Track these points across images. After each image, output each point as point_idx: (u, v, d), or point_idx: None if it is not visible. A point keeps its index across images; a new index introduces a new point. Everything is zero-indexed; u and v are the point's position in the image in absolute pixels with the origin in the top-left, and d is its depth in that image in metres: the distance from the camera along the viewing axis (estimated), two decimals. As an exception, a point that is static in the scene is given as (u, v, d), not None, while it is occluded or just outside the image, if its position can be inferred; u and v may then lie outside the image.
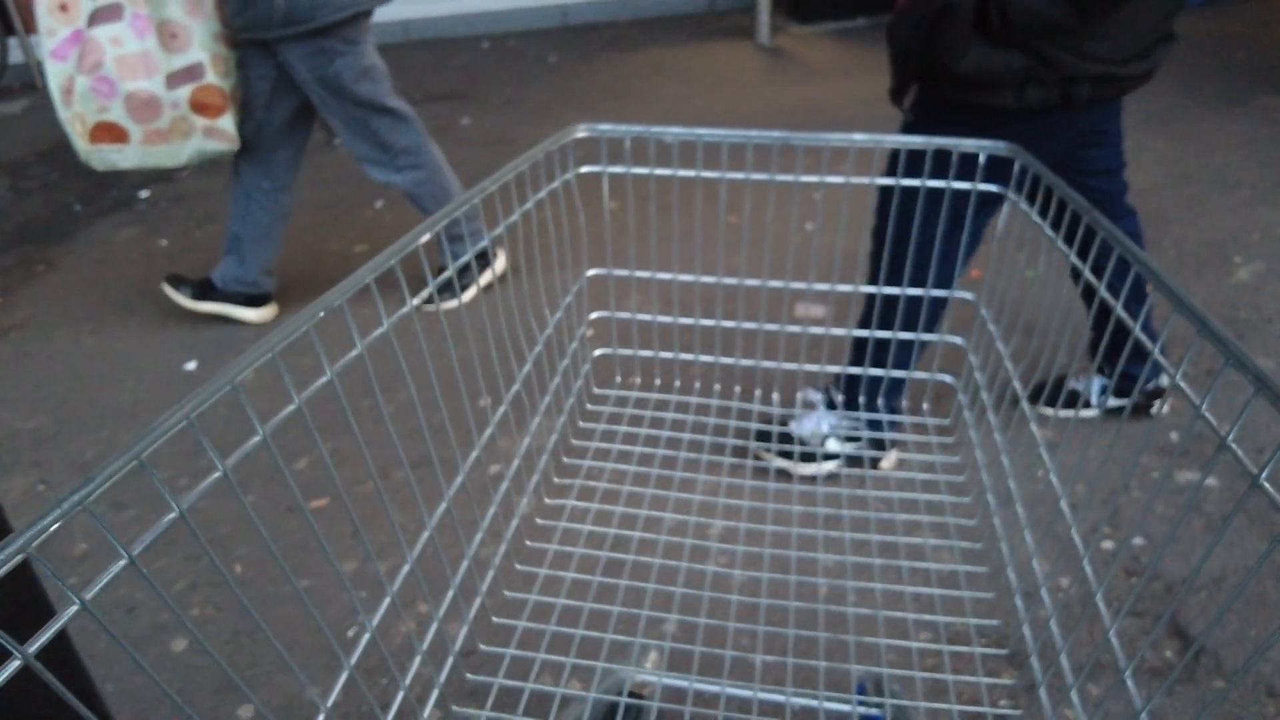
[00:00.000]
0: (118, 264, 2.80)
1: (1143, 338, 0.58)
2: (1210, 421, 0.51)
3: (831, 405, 1.67)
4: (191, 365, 2.24)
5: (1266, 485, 0.45)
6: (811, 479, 1.69)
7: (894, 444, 1.71)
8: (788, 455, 1.66)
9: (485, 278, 2.40)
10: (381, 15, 4.97)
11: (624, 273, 1.08)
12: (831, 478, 1.69)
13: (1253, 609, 1.43)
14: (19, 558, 0.34)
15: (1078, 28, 1.24)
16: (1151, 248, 2.49)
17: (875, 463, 1.69)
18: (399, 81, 4.50)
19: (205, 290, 2.34)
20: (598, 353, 1.17)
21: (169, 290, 2.36)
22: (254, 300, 2.35)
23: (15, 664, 0.35)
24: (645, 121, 3.67)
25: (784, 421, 1.69)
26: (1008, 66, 1.28)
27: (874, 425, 1.60)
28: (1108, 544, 1.55)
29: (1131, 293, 1.60)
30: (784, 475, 1.69)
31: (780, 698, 0.81)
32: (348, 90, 2.06)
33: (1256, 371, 0.44)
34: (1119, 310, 0.60)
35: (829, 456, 1.66)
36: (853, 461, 1.68)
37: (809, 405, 1.71)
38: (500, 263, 2.44)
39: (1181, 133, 3.27)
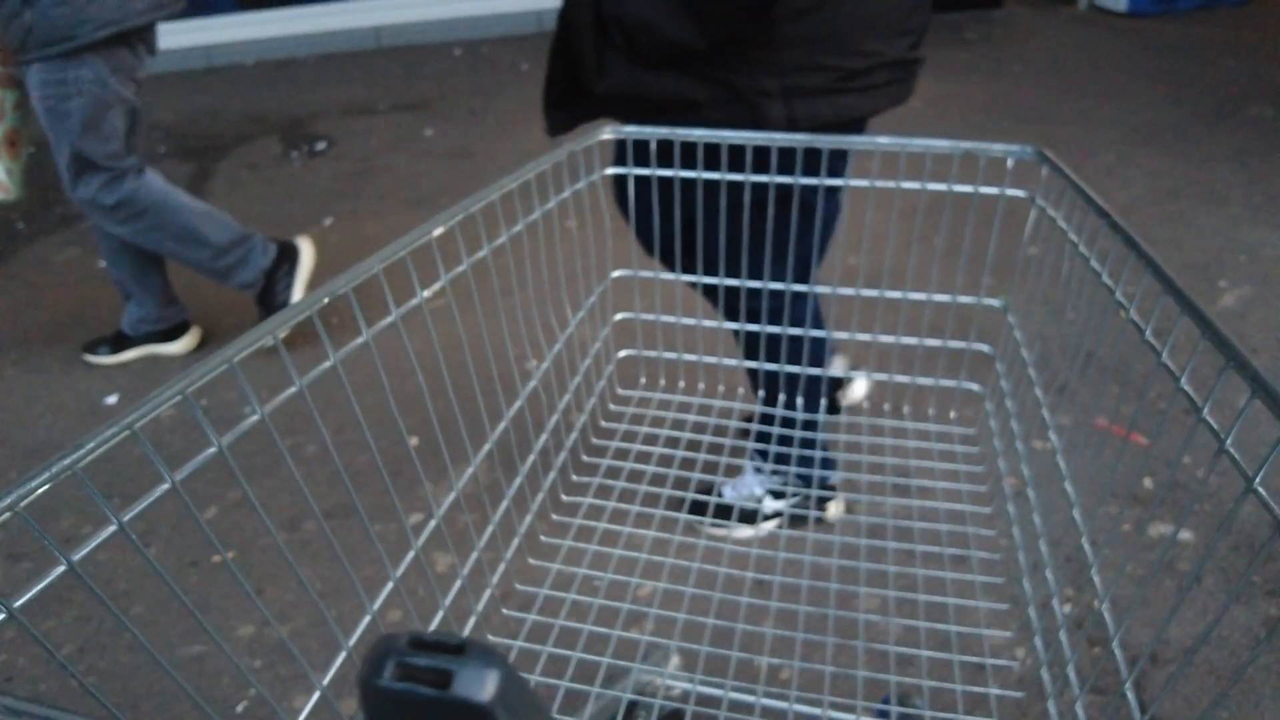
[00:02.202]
0: (52, 287, 2.68)
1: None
2: (1210, 425, 0.50)
3: (759, 469, 1.54)
4: (112, 399, 2.12)
5: (1260, 490, 0.44)
6: (749, 541, 1.57)
7: (838, 489, 1.58)
8: (724, 524, 1.54)
9: (301, 278, 2.19)
10: (353, 21, 4.85)
11: (649, 274, 1.04)
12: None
13: (1225, 684, 1.30)
14: (6, 515, 0.35)
15: (706, 50, 1.08)
16: (1133, 268, 2.37)
17: (819, 518, 1.56)
18: (369, 90, 4.40)
19: (120, 342, 2.24)
20: (622, 354, 1.15)
21: (89, 358, 2.25)
22: (171, 333, 2.23)
23: None
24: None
25: (719, 491, 1.58)
26: (650, 87, 1.11)
27: (809, 471, 1.48)
28: (1068, 607, 1.43)
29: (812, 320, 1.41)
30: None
31: (783, 705, 0.80)
32: (69, 135, 1.87)
33: (1255, 373, 0.45)
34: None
35: (769, 516, 1.54)
36: (797, 518, 1.55)
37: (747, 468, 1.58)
38: (307, 255, 2.21)
39: (1168, 145, 3.15)
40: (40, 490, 0.36)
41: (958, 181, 0.84)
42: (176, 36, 4.70)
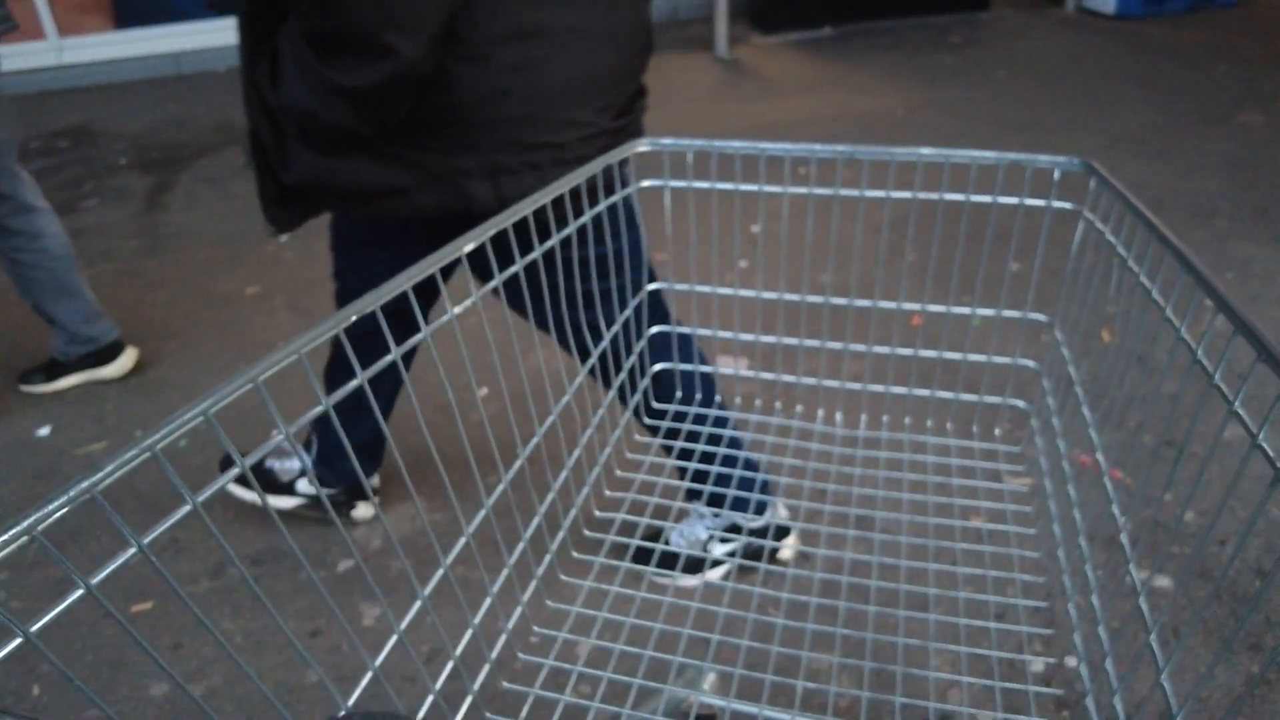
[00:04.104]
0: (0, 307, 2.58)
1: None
2: (1242, 417, 0.51)
3: (702, 513, 1.44)
4: (44, 431, 2.02)
5: (1265, 446, 0.45)
6: (693, 589, 1.47)
7: (789, 531, 1.48)
8: (670, 570, 1.43)
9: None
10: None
11: (684, 287, 1.06)
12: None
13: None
14: (23, 539, 0.35)
15: (371, 135, 1.02)
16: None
17: (774, 554, 1.46)
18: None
19: (54, 369, 2.14)
20: (657, 367, 1.13)
21: (25, 387, 2.15)
22: (104, 355, 2.13)
23: None
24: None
25: (663, 536, 1.48)
26: (344, 175, 1.05)
27: (760, 509, 1.38)
28: (1037, 665, 1.33)
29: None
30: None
31: None
32: None
33: None
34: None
35: (717, 563, 1.44)
36: (751, 556, 1.45)
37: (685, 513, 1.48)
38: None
39: (1156, 153, 3.05)
40: (58, 514, 0.36)
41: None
42: (145, 43, 4.60)
